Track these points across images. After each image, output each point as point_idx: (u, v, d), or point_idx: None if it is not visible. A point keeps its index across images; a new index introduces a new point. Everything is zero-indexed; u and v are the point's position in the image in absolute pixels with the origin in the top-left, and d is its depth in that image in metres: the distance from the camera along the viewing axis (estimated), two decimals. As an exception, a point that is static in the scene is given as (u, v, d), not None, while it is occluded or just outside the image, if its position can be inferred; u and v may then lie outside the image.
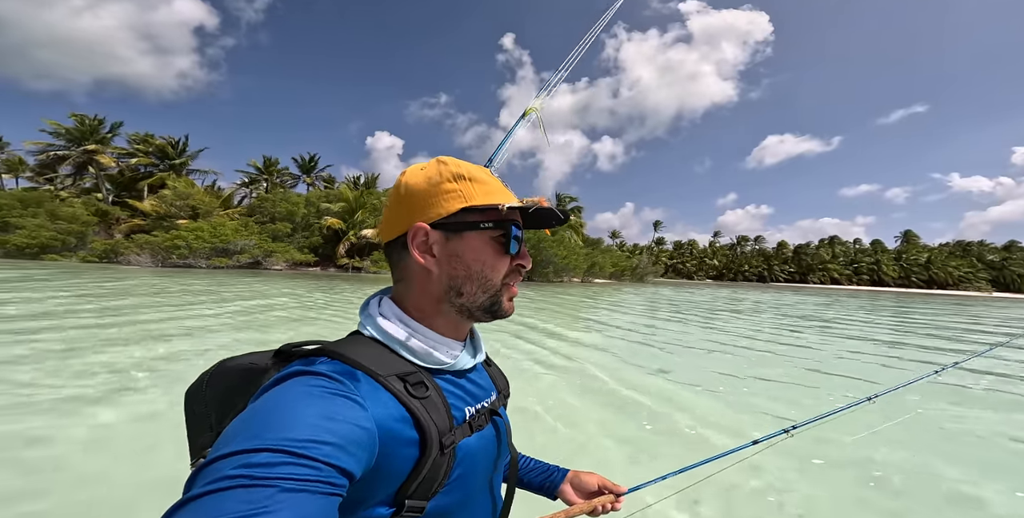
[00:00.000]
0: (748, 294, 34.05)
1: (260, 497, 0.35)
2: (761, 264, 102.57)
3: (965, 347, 9.55)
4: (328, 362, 0.53)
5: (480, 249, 0.61)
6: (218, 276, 21.96)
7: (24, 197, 31.03)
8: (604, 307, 16.07)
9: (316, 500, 0.38)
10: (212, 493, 0.35)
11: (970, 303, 34.96)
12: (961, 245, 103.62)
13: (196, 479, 0.38)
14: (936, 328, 13.50)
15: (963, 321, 16.62)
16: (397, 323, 0.60)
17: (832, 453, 3.37)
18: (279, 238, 34.34)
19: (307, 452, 0.39)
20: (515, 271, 0.64)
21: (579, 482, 0.90)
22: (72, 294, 10.90)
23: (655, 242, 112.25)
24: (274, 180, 49.41)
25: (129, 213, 35.45)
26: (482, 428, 0.62)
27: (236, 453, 0.38)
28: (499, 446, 0.67)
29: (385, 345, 0.59)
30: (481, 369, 0.72)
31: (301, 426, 0.41)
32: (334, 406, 0.46)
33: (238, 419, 0.44)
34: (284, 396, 0.46)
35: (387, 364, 0.56)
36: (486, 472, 0.64)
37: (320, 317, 9.58)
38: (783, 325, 12.42)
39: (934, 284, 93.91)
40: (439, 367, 0.61)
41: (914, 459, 3.38)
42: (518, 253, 0.64)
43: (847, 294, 45.10)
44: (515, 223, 0.62)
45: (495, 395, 0.70)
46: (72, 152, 36.14)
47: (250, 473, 0.36)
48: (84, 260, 28.62)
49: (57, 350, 5.31)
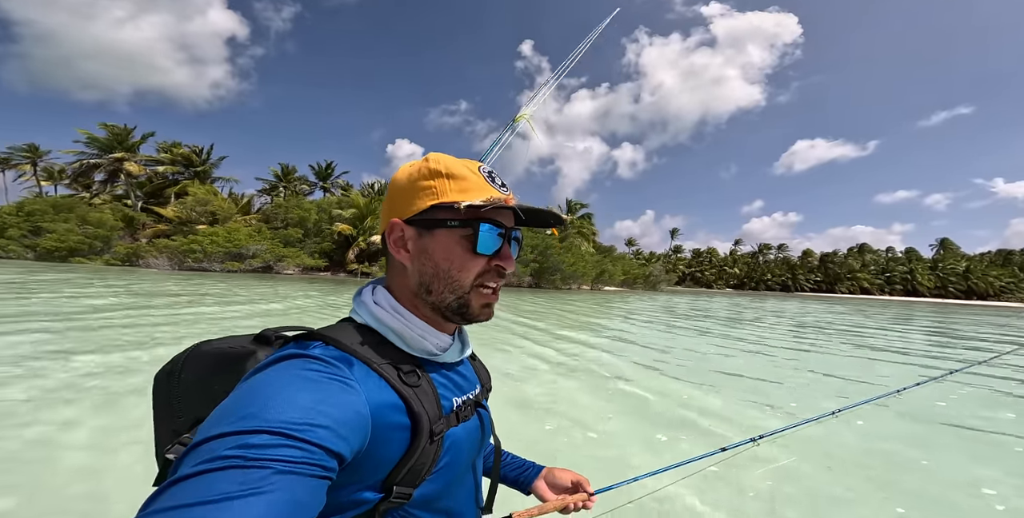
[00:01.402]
0: (762, 302, 32.90)
1: (254, 478, 0.35)
2: (785, 273, 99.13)
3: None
4: (323, 347, 0.54)
5: (449, 247, 0.60)
6: (233, 279, 22.71)
7: (57, 203, 32.99)
8: (587, 314, 15.80)
9: (307, 482, 0.38)
10: (206, 473, 0.35)
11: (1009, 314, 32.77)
12: (1003, 254, 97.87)
13: (186, 459, 0.37)
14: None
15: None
16: (390, 311, 0.61)
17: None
18: (291, 243, 35.29)
19: (302, 435, 0.39)
20: (492, 272, 0.62)
21: (553, 479, 0.90)
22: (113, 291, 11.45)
23: (672, 250, 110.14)
24: (293, 187, 51.01)
25: (154, 219, 37.18)
26: (468, 419, 0.64)
27: (231, 434, 0.38)
28: (482, 437, 0.69)
29: (378, 333, 0.60)
30: (467, 362, 0.73)
31: (296, 409, 0.41)
32: (329, 390, 0.46)
33: (230, 399, 0.44)
34: (279, 378, 0.46)
35: (380, 351, 0.57)
36: (469, 461, 0.65)
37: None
38: (785, 332, 11.90)
39: (973, 294, 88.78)
40: (429, 358, 0.62)
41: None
42: (497, 254, 0.61)
43: (870, 303, 42.99)
44: (489, 221, 0.59)
45: (479, 388, 0.72)
46: (103, 160, 38.26)
47: (245, 453, 0.36)
48: (108, 263, 30.07)
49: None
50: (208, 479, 0.35)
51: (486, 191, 0.61)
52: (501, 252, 0.62)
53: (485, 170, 0.64)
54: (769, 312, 21.87)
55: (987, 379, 6.77)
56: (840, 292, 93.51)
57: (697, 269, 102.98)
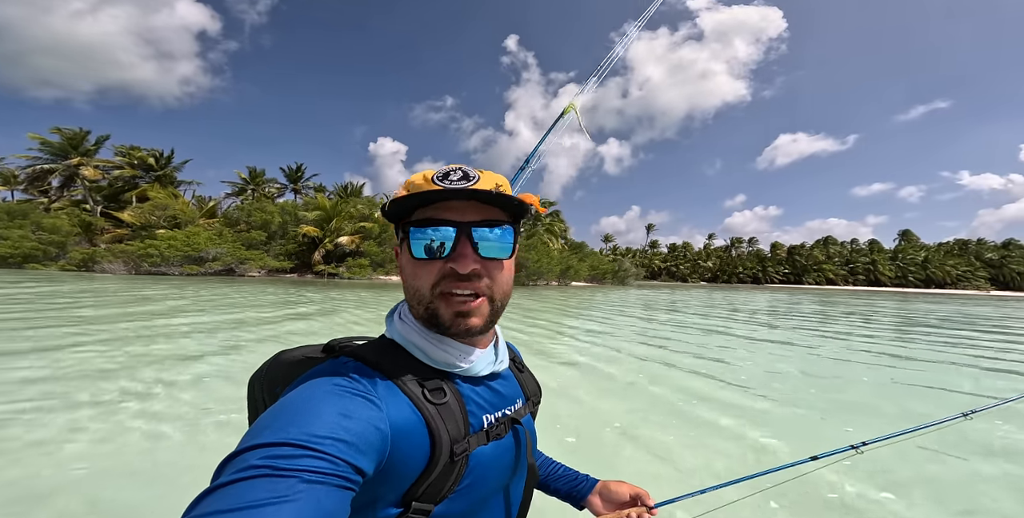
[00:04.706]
0: (710, 294, 34.36)
1: (282, 487, 0.38)
2: (755, 266, 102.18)
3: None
4: (352, 362, 0.57)
5: (403, 258, 0.61)
6: (189, 282, 22.88)
7: (11, 209, 32.43)
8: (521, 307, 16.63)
9: (332, 492, 0.40)
10: (240, 481, 0.38)
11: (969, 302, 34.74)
12: (959, 243, 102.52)
13: (225, 468, 0.40)
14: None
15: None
16: (412, 326, 0.61)
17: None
18: (254, 246, 35.36)
19: (324, 448, 0.42)
20: (450, 277, 0.57)
21: (608, 492, 0.84)
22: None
23: (649, 245, 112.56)
24: (262, 190, 50.76)
25: (114, 223, 36.77)
26: (500, 437, 0.62)
27: (262, 445, 0.41)
28: (517, 456, 0.66)
29: (403, 348, 0.61)
30: (509, 376, 0.71)
31: (322, 422, 0.44)
32: (352, 405, 0.48)
33: (267, 412, 0.47)
34: (308, 393, 0.49)
35: (405, 366, 0.58)
36: (500, 481, 0.63)
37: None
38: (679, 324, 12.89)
39: (932, 283, 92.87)
40: (456, 371, 0.61)
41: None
42: (448, 257, 0.57)
43: (812, 293, 44.96)
44: (423, 222, 0.57)
45: (521, 402, 0.70)
46: (58, 165, 37.63)
47: (274, 464, 0.39)
48: (62, 269, 29.81)
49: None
50: (242, 487, 0.37)
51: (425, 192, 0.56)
52: (452, 254, 0.57)
53: (443, 171, 0.60)
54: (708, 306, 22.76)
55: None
56: (807, 283, 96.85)
57: (672, 264, 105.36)
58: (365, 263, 36.49)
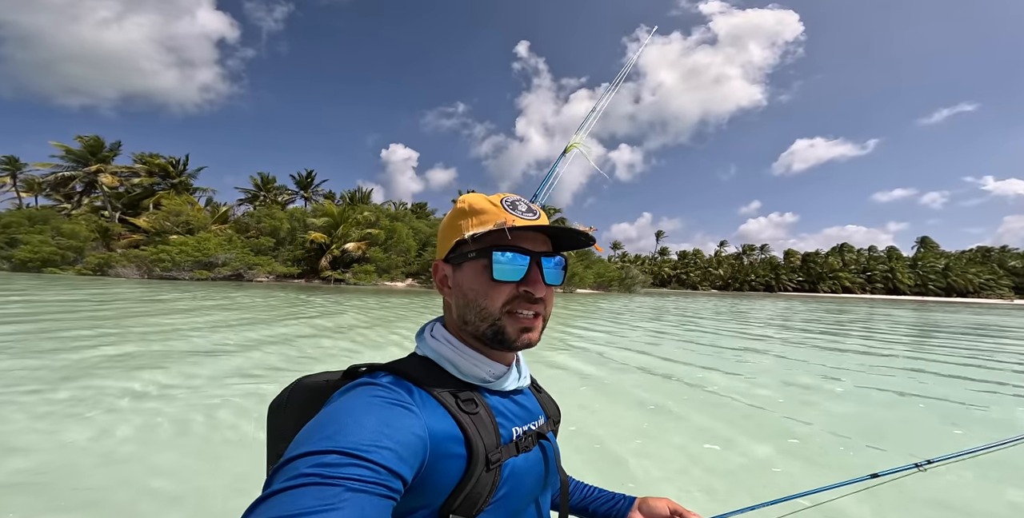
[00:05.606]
0: (720, 302, 33.80)
1: (330, 495, 0.40)
2: (768, 273, 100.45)
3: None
4: (388, 376, 0.60)
5: (473, 278, 0.65)
6: (196, 287, 23.38)
7: (32, 215, 33.75)
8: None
9: (374, 501, 0.42)
10: (290, 489, 0.40)
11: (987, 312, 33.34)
12: (982, 251, 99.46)
13: (276, 475, 0.42)
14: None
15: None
16: (444, 342, 0.66)
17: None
18: (263, 252, 36.08)
19: (369, 455, 0.44)
20: (521, 298, 0.64)
21: (648, 509, 0.84)
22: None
23: (659, 252, 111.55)
24: (272, 197, 51.86)
25: (130, 229, 37.90)
26: (529, 450, 0.65)
27: (310, 454, 0.43)
28: (546, 470, 0.68)
29: (436, 363, 0.65)
30: (529, 394, 0.75)
31: (364, 431, 0.47)
32: (392, 414, 0.51)
33: (312, 422, 0.50)
34: (351, 404, 0.52)
35: (439, 379, 0.62)
36: (532, 494, 0.65)
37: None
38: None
39: (953, 292, 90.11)
40: (485, 385, 0.66)
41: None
42: (525, 280, 0.64)
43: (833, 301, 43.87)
44: (507, 248, 0.63)
45: (543, 420, 0.73)
46: (78, 172, 39.03)
47: (322, 472, 0.41)
48: (79, 273, 30.78)
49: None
50: (293, 495, 0.39)
51: (501, 219, 0.63)
52: (528, 277, 0.64)
53: (509, 200, 0.67)
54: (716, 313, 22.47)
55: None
56: (822, 291, 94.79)
57: (683, 271, 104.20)
58: (371, 269, 36.92)
